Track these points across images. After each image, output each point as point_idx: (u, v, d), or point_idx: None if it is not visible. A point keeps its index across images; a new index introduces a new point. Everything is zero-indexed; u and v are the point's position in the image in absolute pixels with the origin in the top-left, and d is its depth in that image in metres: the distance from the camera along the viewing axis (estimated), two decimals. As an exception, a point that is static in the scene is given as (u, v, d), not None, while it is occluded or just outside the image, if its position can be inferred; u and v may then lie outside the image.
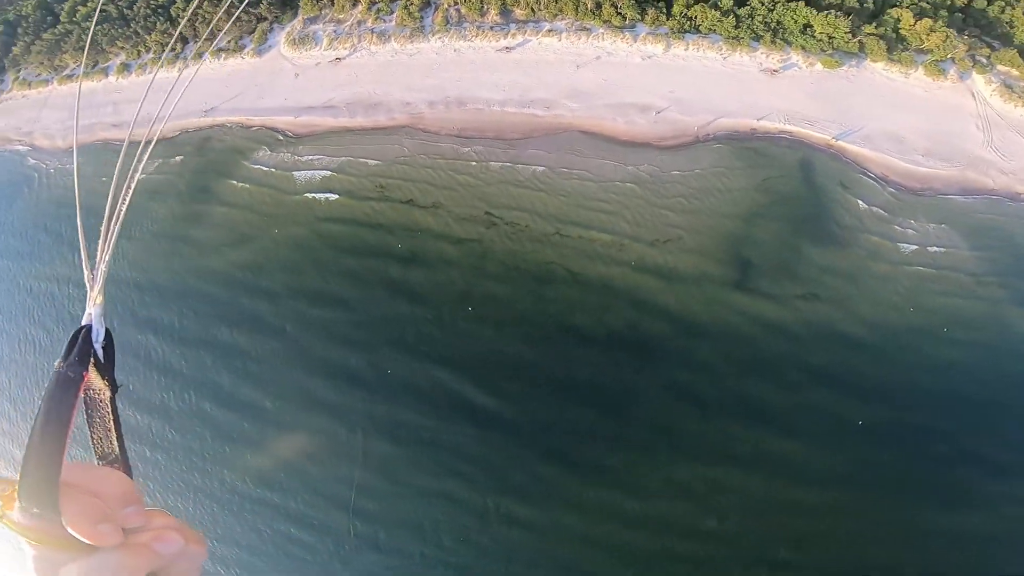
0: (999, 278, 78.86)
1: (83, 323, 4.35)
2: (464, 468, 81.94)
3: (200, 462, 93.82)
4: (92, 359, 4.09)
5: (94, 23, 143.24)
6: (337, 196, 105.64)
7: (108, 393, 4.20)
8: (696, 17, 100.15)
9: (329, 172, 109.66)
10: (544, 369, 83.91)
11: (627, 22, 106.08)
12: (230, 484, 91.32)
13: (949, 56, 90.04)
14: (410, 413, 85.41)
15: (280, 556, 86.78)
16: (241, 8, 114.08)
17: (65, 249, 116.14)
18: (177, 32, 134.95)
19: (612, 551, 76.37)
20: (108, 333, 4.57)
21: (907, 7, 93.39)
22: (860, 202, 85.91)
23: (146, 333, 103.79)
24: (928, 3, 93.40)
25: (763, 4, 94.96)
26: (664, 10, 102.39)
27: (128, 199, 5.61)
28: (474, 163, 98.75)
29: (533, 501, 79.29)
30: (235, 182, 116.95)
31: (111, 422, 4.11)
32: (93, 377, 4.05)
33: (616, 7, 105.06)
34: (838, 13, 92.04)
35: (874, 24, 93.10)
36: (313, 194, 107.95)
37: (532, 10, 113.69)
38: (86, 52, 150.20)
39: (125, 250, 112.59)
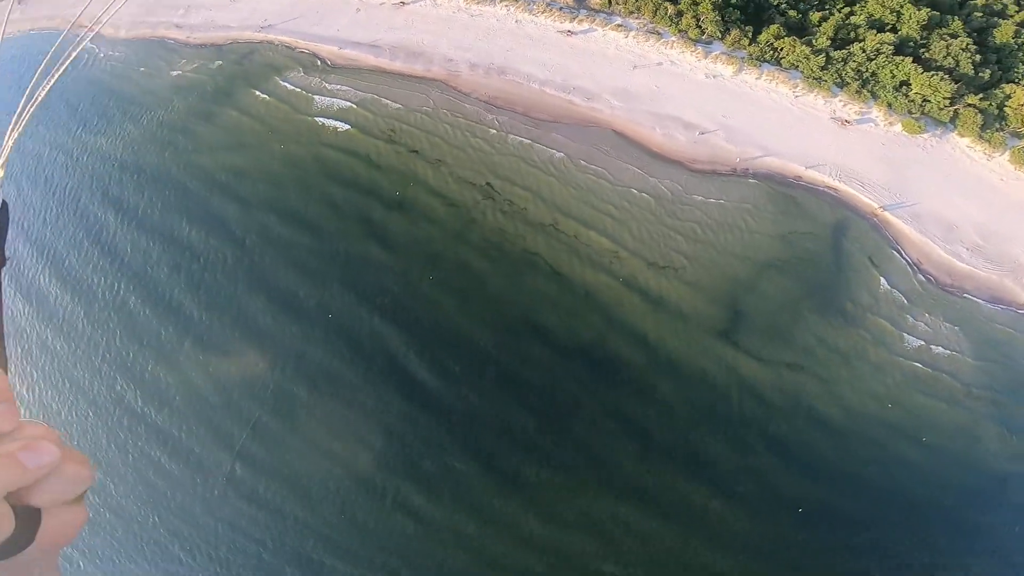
0: (990, 394, 73.90)
1: None
2: (376, 441, 78.02)
3: (97, 360, 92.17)
4: None
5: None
6: (349, 127, 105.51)
7: None
8: (782, 49, 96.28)
9: (350, 104, 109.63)
10: (495, 360, 79.95)
11: (704, 37, 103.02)
12: (118, 393, 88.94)
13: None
14: (340, 364, 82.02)
15: (138, 483, 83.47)
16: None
17: (73, 122, 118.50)
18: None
19: (500, 572, 70.89)
20: (4, 204, 4.52)
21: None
22: (883, 281, 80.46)
23: (107, 210, 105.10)
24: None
25: (864, 51, 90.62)
26: (749, 34, 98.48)
27: (49, 87, 6.68)
28: (493, 131, 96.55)
29: (437, 496, 74.79)
30: (258, 93, 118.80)
31: None
32: None
33: (698, 19, 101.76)
34: (944, 76, 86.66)
35: (980, 96, 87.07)
36: (326, 120, 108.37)
37: (609, 1, 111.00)
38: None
39: (127, 132, 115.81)
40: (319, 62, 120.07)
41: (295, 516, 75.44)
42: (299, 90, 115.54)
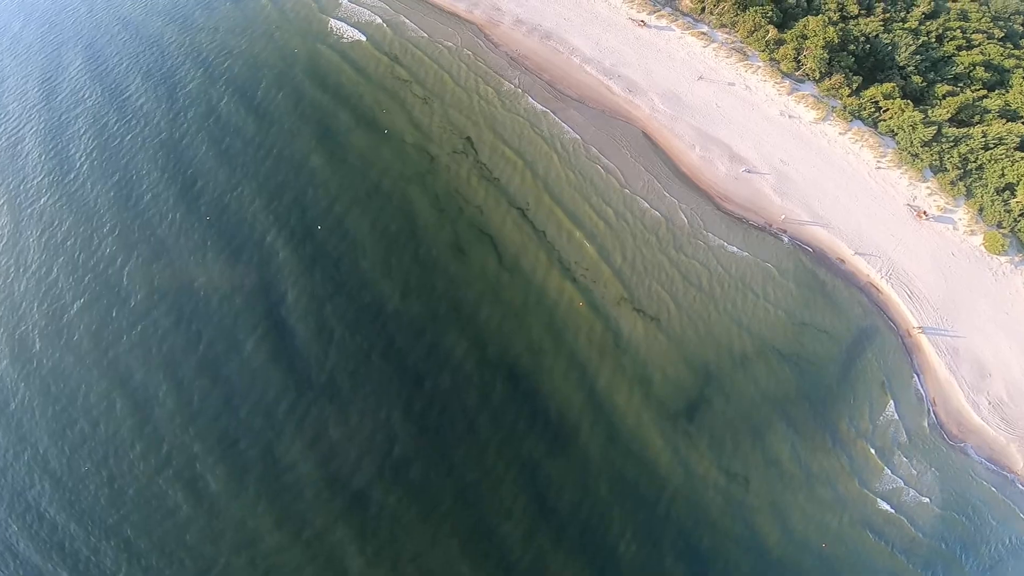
0: (938, 544, 58.49)
1: None
2: (194, 385, 59.51)
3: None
4: None
5: None
6: (363, 38, 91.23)
7: None
8: (887, 110, 78.72)
9: (375, 18, 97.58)
10: (392, 335, 62.38)
11: (798, 72, 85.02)
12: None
13: None
14: (201, 274, 65.71)
15: None
16: None
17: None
18: None
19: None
20: None
21: None
22: (892, 409, 62.35)
23: (78, 53, 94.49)
24: None
25: (984, 136, 74.08)
26: (854, 86, 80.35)
27: None
28: (508, 86, 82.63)
29: (240, 483, 55.31)
30: None
31: None
32: None
33: (799, 53, 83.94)
34: (1064, 189, 70.79)
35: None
36: (343, 24, 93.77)
37: (702, 7, 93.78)
38: None
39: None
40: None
41: (37, 448, 57.23)
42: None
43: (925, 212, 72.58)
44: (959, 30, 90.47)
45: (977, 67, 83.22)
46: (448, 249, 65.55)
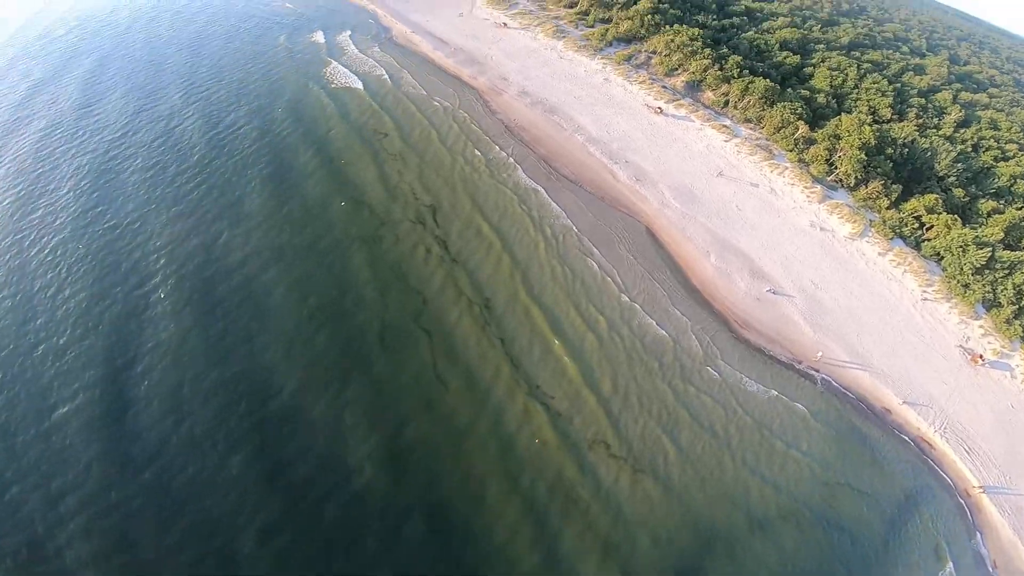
0: None
1: None
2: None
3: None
4: None
5: None
6: (360, 86, 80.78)
7: None
8: (932, 228, 63.09)
9: (381, 71, 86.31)
10: (273, 446, 42.93)
11: (830, 177, 70.15)
12: None
13: None
14: (41, 315, 48.19)
15: None
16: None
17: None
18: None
19: None
20: None
21: None
22: (951, 568, 43.89)
23: (86, 62, 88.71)
24: None
25: None
26: (893, 196, 65.90)
27: None
28: (498, 153, 67.46)
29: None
30: (318, 34, 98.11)
31: None
32: None
33: (831, 154, 69.69)
34: None
35: None
36: (343, 69, 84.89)
37: (725, 101, 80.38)
38: None
39: (189, 31, 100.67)
40: (384, 36, 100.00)
41: None
42: (349, 44, 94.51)
43: (981, 356, 55.09)
44: (992, 139, 77.31)
45: (1018, 180, 68.69)
46: (377, 341, 46.59)
